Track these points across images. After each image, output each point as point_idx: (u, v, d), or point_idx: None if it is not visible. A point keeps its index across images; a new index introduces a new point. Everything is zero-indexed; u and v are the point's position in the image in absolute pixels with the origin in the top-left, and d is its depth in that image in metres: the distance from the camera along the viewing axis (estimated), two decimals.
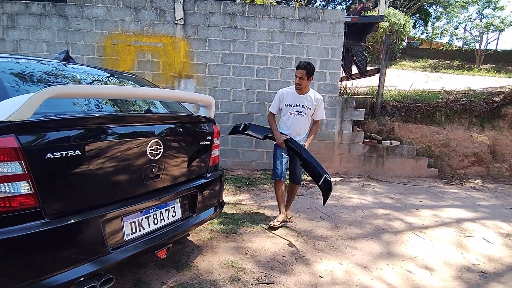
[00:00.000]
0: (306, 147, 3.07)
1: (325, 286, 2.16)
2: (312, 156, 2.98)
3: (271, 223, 3.03)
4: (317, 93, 3.19)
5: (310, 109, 3.11)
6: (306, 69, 3.01)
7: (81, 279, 1.43)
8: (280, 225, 3.05)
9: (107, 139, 1.59)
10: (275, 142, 3.15)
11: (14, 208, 1.28)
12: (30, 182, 1.30)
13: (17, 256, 1.29)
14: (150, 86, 2.52)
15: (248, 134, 3.41)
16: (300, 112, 3.10)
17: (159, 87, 2.92)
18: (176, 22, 5.04)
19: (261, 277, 2.21)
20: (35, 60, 1.96)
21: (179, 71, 5.16)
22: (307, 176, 5.08)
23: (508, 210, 3.98)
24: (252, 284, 2.12)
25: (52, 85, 1.75)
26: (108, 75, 2.35)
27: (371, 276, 2.31)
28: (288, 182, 3.28)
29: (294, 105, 3.11)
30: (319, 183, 2.84)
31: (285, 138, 3.07)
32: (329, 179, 2.79)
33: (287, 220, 3.15)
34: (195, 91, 5.12)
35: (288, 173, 3.26)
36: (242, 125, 3.32)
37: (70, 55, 2.22)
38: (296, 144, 3.04)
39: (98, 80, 2.13)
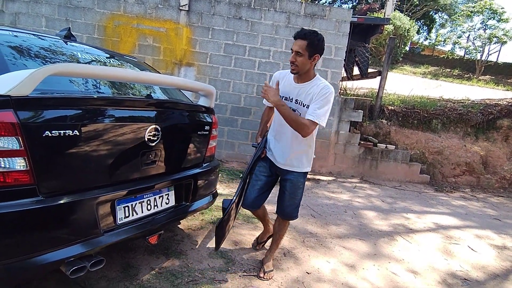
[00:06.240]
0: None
1: (312, 282, 2.20)
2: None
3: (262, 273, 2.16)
4: (327, 84, 2.01)
5: (309, 107, 1.98)
6: (308, 40, 1.94)
7: (72, 259, 1.43)
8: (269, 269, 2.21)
9: (106, 121, 1.58)
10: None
11: (8, 183, 1.27)
12: (26, 159, 1.29)
13: (8, 232, 1.28)
14: (151, 71, 2.49)
15: None
16: (292, 110, 2.01)
17: (160, 73, 2.89)
18: (181, 7, 4.96)
19: (249, 269, 2.23)
20: (36, 35, 1.92)
21: (180, 58, 5.11)
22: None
23: (495, 221, 4.05)
24: (239, 276, 2.14)
25: (53, 62, 1.73)
26: (109, 56, 2.32)
27: (356, 276, 2.35)
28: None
29: (285, 98, 2.06)
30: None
31: (253, 143, 2.28)
32: (225, 206, 2.09)
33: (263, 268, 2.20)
34: (195, 80, 5.08)
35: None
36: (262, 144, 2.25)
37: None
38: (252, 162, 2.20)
39: (98, 60, 2.10)
